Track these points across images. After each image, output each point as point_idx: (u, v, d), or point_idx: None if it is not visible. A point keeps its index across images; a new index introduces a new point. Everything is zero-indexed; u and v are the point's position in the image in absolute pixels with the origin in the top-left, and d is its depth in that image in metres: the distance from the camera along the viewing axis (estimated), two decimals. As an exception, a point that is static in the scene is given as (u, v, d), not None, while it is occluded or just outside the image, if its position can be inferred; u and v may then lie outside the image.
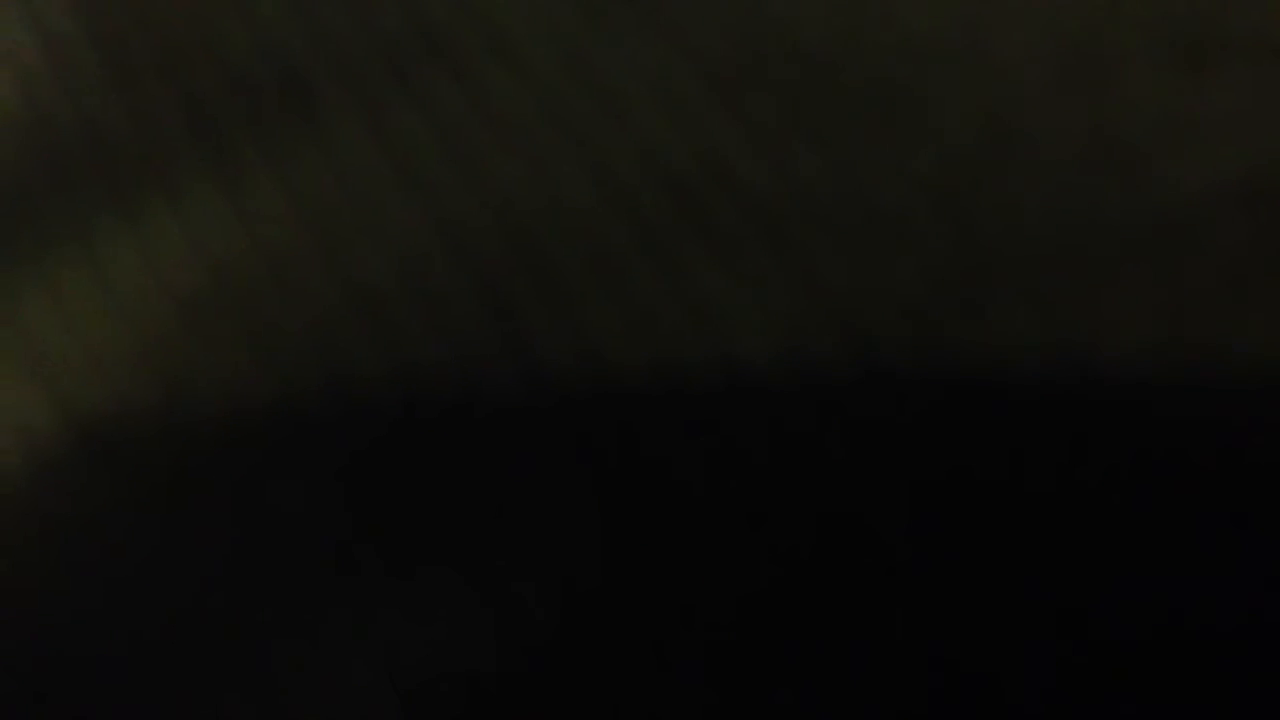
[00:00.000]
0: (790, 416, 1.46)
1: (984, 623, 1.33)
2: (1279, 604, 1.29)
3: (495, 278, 1.61)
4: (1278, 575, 1.30)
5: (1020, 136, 1.69)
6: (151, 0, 1.86)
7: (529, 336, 1.56)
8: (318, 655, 1.33)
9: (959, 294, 1.56)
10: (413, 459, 1.47)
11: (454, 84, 1.76)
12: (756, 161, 1.67)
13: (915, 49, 1.77)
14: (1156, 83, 1.71)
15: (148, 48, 1.83)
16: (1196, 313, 1.51)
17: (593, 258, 1.61)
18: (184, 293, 1.64)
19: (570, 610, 1.35)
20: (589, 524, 1.41)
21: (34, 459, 1.49)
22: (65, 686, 1.33)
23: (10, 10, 1.84)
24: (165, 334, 1.60)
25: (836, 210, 1.64)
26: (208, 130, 1.73)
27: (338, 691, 1.31)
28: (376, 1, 1.84)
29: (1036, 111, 1.69)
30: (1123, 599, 1.32)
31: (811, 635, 1.34)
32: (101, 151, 1.73)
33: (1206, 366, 1.46)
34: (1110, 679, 1.28)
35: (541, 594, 1.36)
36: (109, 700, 1.32)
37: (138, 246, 1.67)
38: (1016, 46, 1.76)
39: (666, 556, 1.38)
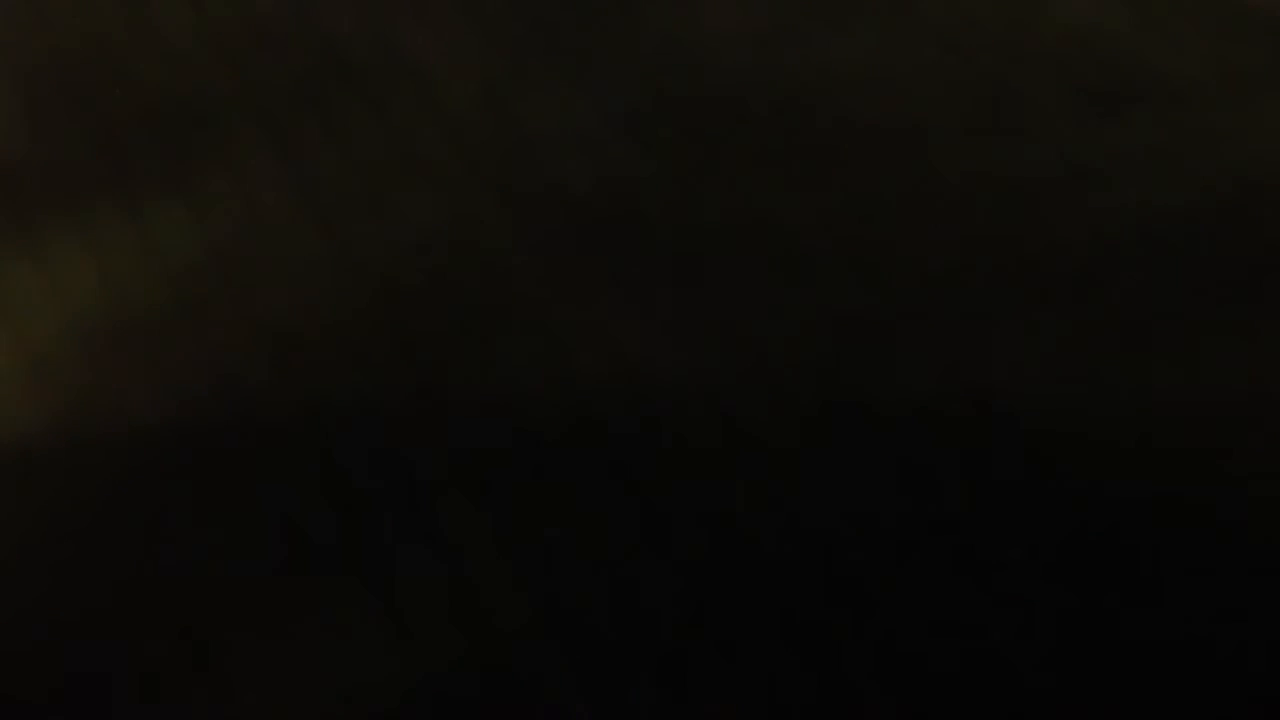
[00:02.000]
0: (696, 448, 1.46)
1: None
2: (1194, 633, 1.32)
3: (407, 313, 1.58)
4: (1190, 608, 1.32)
5: (930, 179, 1.67)
6: (63, 33, 1.83)
7: (440, 372, 1.52)
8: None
9: (865, 337, 1.57)
10: (323, 492, 1.46)
11: (369, 119, 1.73)
12: (666, 199, 1.65)
13: (827, 92, 1.76)
14: (1064, 126, 1.69)
15: (57, 78, 1.80)
16: (1100, 353, 1.52)
17: (506, 293, 1.59)
18: (84, 320, 1.60)
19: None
20: (486, 551, 1.40)
21: None
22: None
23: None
24: (61, 361, 1.56)
25: (738, 246, 1.63)
26: (116, 159, 1.70)
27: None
28: (292, 36, 1.82)
29: (946, 154, 1.67)
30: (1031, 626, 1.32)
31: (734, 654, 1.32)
32: (5, 179, 1.69)
33: (1110, 406, 1.47)
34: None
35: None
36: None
37: (38, 272, 1.63)
38: (928, 89, 1.75)
39: (568, 566, 1.38)
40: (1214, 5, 1.87)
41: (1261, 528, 1.37)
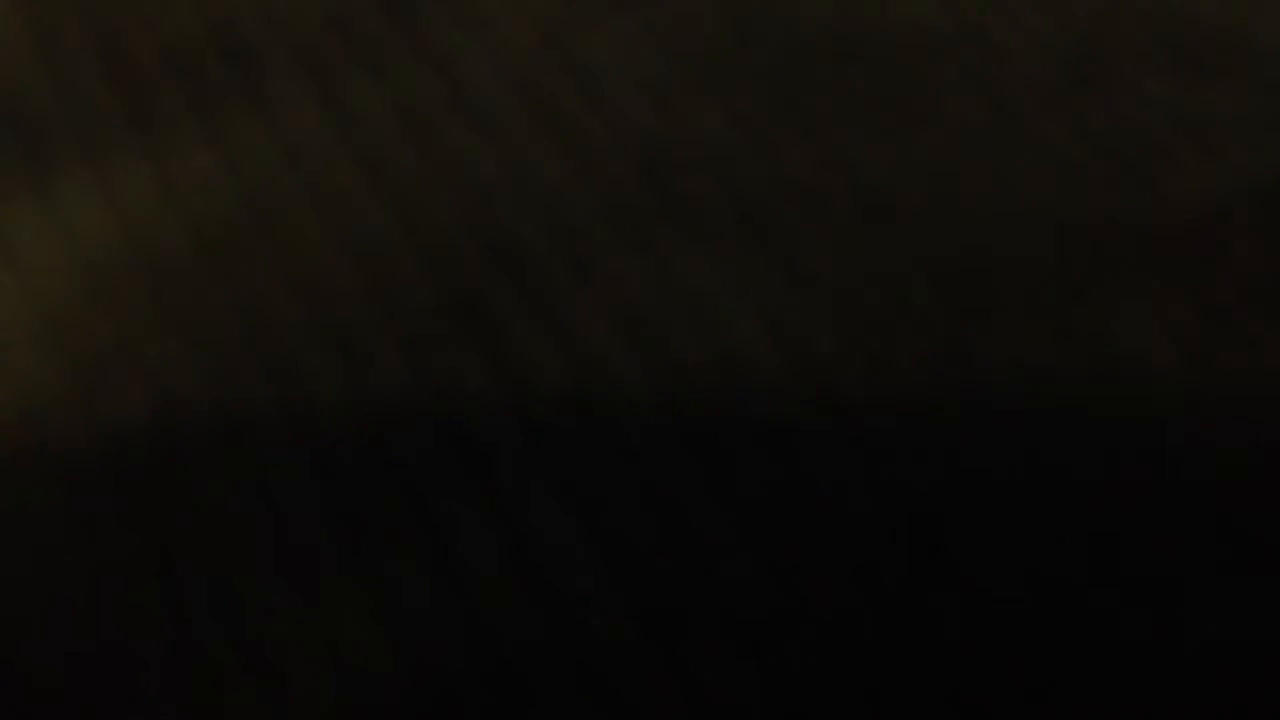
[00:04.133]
0: (781, 411, 1.38)
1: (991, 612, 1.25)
2: None
3: (462, 266, 1.49)
4: None
5: (1023, 135, 1.62)
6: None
7: (499, 327, 1.43)
8: (264, 650, 1.26)
9: (960, 294, 1.48)
10: (366, 456, 1.36)
11: (418, 58, 1.64)
12: (739, 146, 1.57)
13: (915, 38, 1.70)
14: (1159, 88, 1.66)
15: (76, 13, 1.71)
16: (1217, 315, 1.46)
17: (568, 244, 1.49)
18: (103, 271, 1.51)
19: (541, 608, 1.27)
20: (563, 525, 1.32)
21: None
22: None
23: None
24: (79, 318, 1.47)
25: (826, 200, 1.54)
26: (139, 100, 1.61)
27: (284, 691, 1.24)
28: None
29: (1040, 111, 1.64)
30: (1136, 601, 1.26)
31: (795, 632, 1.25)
32: (18, 120, 1.61)
33: (1223, 378, 1.41)
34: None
35: (507, 593, 1.27)
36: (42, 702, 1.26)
37: (53, 221, 1.54)
38: (1019, 46, 1.71)
39: (652, 556, 1.29)
40: None
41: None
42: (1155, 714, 1.21)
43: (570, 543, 1.31)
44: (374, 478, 1.35)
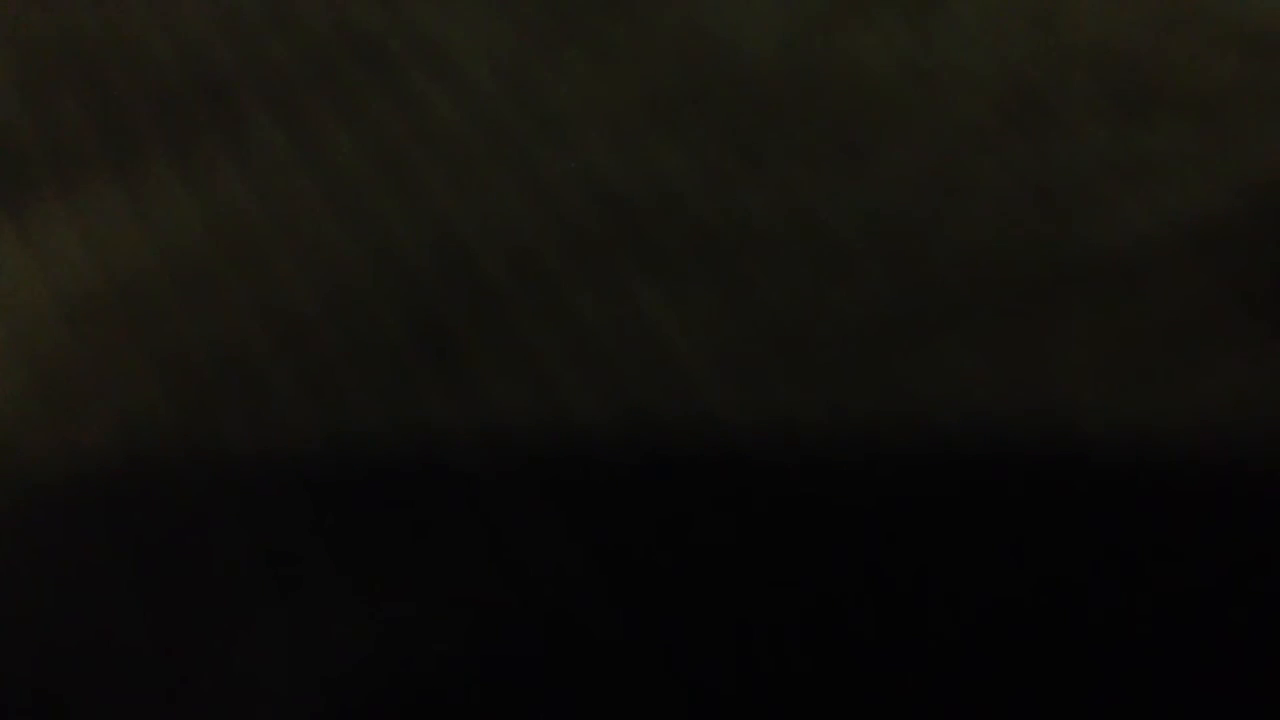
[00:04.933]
0: (735, 444, 1.42)
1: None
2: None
3: (429, 301, 1.52)
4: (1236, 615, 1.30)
5: (969, 174, 1.65)
6: (70, 8, 1.77)
7: (464, 361, 1.46)
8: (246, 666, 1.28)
9: (901, 331, 1.52)
10: (334, 485, 1.40)
11: (387, 98, 1.67)
12: (697, 187, 1.61)
13: (864, 84, 1.73)
14: (1094, 128, 1.70)
15: (57, 49, 1.74)
16: (1145, 352, 1.49)
17: (533, 280, 1.53)
18: (76, 296, 1.54)
19: (516, 618, 1.30)
20: (527, 541, 1.35)
21: None
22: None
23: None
24: (56, 345, 1.50)
25: (780, 241, 1.58)
26: (120, 138, 1.64)
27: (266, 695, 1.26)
28: (306, 10, 1.76)
29: (981, 153, 1.67)
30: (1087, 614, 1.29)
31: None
32: (1, 158, 1.63)
33: (1156, 404, 1.44)
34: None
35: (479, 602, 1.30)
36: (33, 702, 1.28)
37: (27, 248, 1.57)
38: (958, 88, 1.74)
39: (609, 579, 1.33)
40: (1234, 25, 1.87)
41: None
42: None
43: (556, 555, 1.35)
44: (349, 495, 1.38)
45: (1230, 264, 1.59)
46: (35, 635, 1.31)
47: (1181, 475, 1.41)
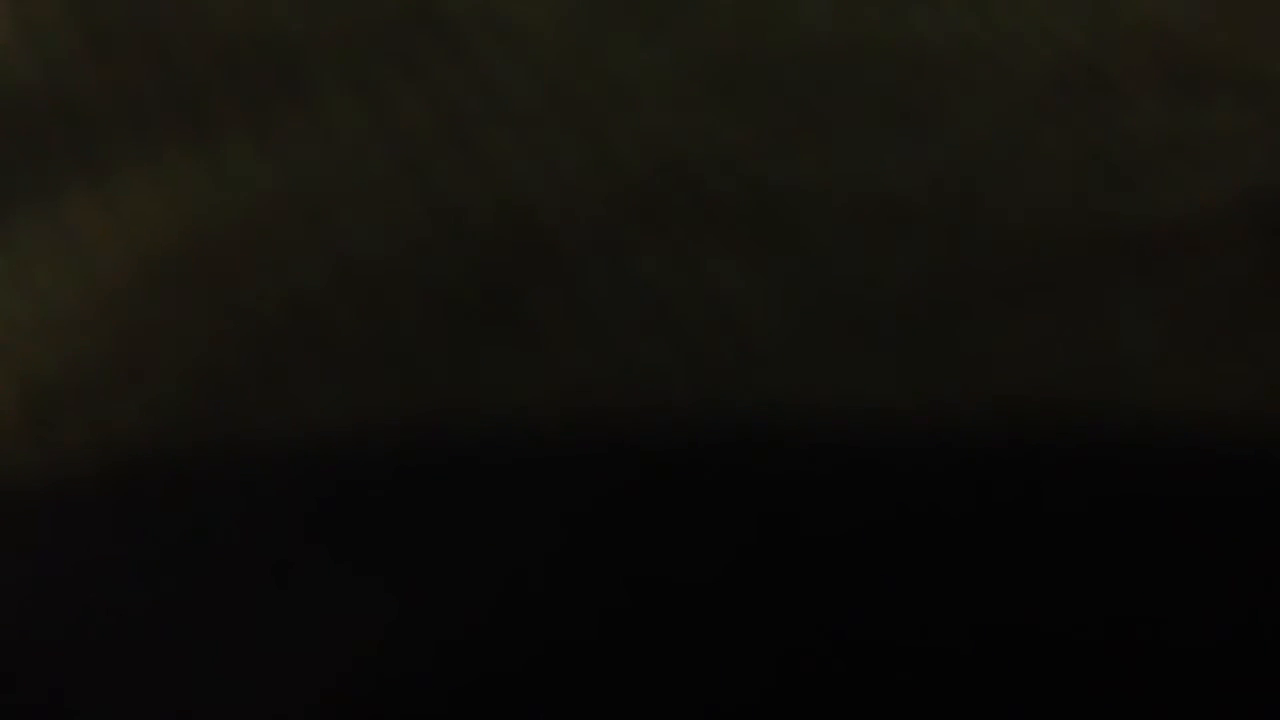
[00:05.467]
0: (798, 403, 1.40)
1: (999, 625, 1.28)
2: None
3: (496, 261, 1.53)
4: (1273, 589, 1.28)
5: (1028, 150, 1.66)
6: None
7: (532, 323, 1.47)
8: (251, 654, 1.25)
9: (954, 293, 1.51)
10: (349, 464, 1.39)
11: (452, 63, 1.68)
12: (764, 156, 1.61)
13: (922, 55, 1.74)
14: (1152, 106, 1.70)
15: (125, 12, 1.76)
16: (1194, 326, 1.48)
17: (596, 239, 1.53)
18: (153, 258, 1.55)
19: (507, 617, 1.27)
20: (530, 535, 1.33)
21: None
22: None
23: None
24: (130, 299, 1.51)
25: (845, 208, 1.58)
26: (188, 99, 1.66)
27: (266, 692, 1.23)
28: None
29: (1043, 127, 1.67)
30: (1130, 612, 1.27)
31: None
32: (69, 116, 1.65)
33: (1205, 381, 1.42)
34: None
35: (478, 600, 1.28)
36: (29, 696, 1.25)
37: (107, 213, 1.58)
38: (1018, 65, 1.74)
39: (651, 558, 1.30)
40: (1274, 6, 1.88)
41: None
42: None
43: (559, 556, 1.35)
44: (347, 491, 1.36)
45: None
46: (35, 634, 1.29)
47: (1241, 456, 1.38)
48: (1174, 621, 1.27)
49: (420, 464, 1.39)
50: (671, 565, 1.30)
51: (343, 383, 1.46)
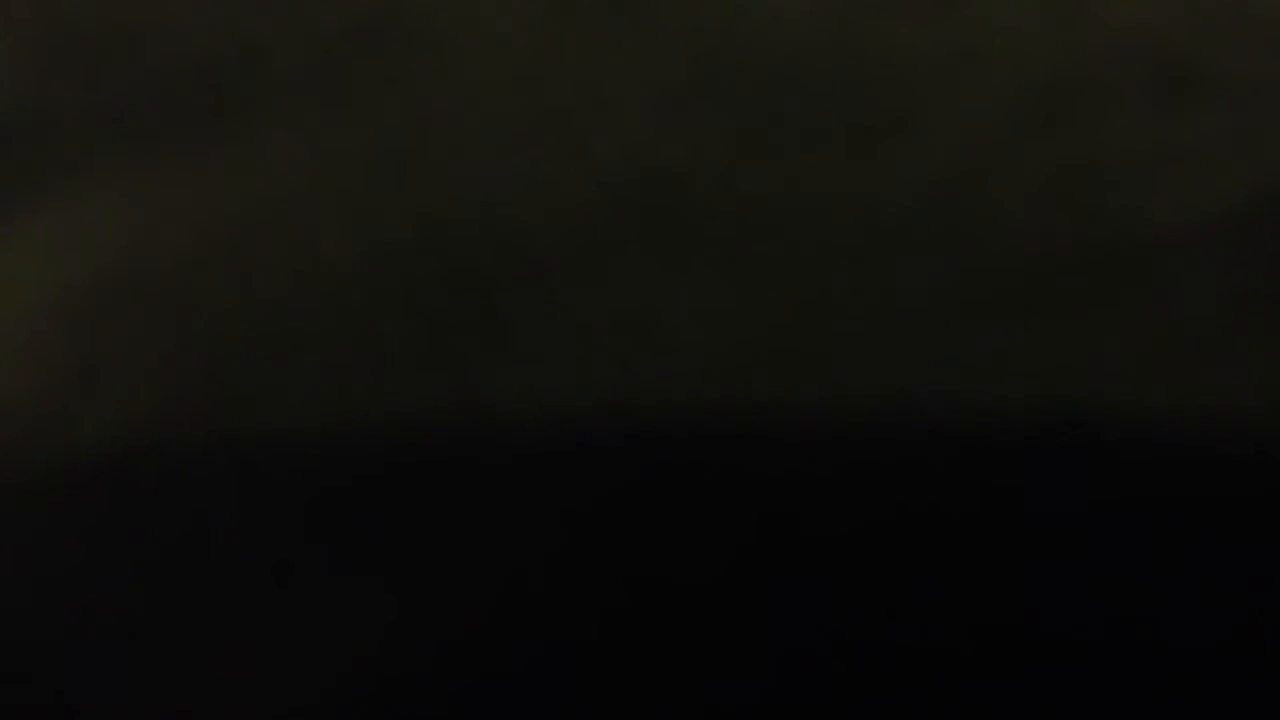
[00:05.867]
0: (760, 438, 1.38)
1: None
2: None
3: (473, 264, 1.51)
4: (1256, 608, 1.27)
5: (1002, 163, 1.65)
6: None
7: (511, 333, 1.45)
8: (244, 663, 1.25)
9: (953, 294, 1.49)
10: (365, 451, 1.38)
11: (432, 67, 1.67)
12: (748, 163, 1.60)
13: (909, 65, 1.73)
14: (1127, 114, 1.69)
15: (94, 21, 1.74)
16: (1177, 344, 1.46)
17: (581, 249, 1.52)
18: (130, 266, 1.53)
19: (507, 619, 1.27)
20: (529, 535, 1.32)
21: None
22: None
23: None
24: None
25: (830, 217, 1.56)
26: (160, 107, 1.64)
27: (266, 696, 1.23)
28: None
29: (1018, 140, 1.66)
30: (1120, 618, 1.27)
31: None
32: (43, 125, 1.63)
33: (1188, 401, 1.41)
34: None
35: (476, 603, 1.27)
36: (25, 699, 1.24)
37: (71, 228, 1.56)
38: (994, 79, 1.74)
39: (610, 574, 1.30)
40: (1262, 11, 1.88)
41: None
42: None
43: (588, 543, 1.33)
44: (339, 498, 1.35)
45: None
46: (34, 633, 1.28)
47: (1241, 456, 1.37)
48: (1174, 621, 1.27)
49: (420, 464, 1.39)
50: (671, 565, 1.29)
51: (340, 385, 1.44)
